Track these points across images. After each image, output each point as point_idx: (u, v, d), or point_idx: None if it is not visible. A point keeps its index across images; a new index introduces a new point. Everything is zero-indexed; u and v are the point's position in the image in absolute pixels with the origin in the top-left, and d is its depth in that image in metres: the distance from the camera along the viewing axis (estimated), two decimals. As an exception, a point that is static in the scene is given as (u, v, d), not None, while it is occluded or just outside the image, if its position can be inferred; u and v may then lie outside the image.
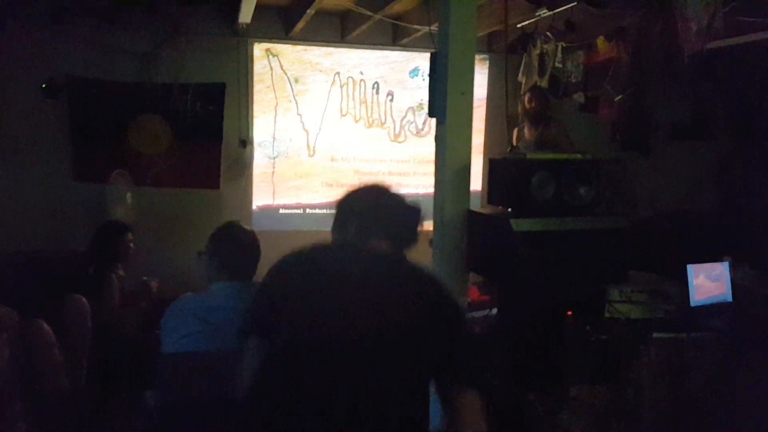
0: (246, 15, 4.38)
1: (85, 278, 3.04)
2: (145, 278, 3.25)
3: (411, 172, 5.55)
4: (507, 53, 3.73)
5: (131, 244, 3.26)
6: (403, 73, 5.42)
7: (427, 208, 5.59)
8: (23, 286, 2.66)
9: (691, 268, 2.45)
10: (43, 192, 4.62)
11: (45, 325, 2.26)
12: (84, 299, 2.69)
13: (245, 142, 5.13)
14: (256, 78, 5.12)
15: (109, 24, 4.57)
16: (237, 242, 1.95)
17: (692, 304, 2.43)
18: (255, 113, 5.17)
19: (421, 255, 2.73)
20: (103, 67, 4.67)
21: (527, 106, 3.95)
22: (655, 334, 2.21)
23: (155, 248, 4.37)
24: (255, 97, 5.13)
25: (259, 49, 5.11)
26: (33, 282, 2.81)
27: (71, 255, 3.61)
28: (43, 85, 4.59)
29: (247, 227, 2.04)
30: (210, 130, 4.93)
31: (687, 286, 2.43)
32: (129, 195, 4.51)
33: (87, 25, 4.53)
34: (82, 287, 2.78)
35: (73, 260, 3.42)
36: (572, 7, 3.58)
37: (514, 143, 3.71)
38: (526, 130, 3.95)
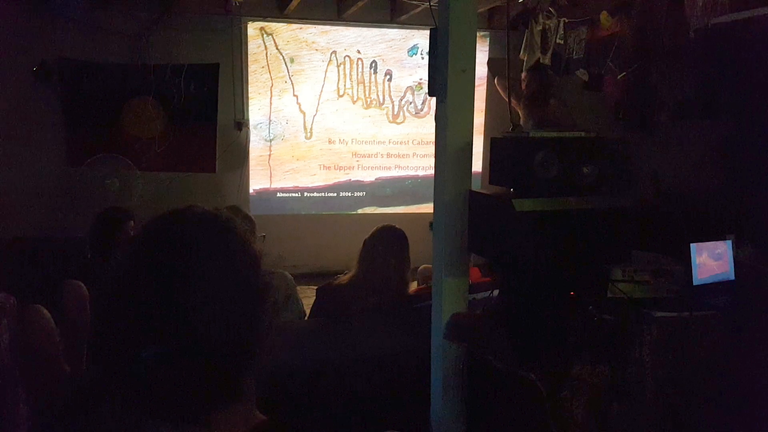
0: (240, -7, 4.30)
1: (84, 264, 3.02)
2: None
3: (410, 153, 5.50)
4: (509, 29, 3.66)
5: (131, 232, 3.23)
6: (401, 52, 5.33)
7: (427, 190, 5.57)
8: (21, 271, 2.63)
9: (695, 247, 2.43)
10: (38, 177, 4.58)
11: (44, 311, 2.24)
12: (82, 285, 2.66)
13: (241, 125, 5.07)
14: (250, 58, 5.04)
15: (101, 5, 4.48)
16: None
17: (695, 282, 2.41)
18: (250, 95, 5.10)
19: (422, 237, 2.71)
20: (96, 50, 4.59)
21: (524, 87, 3.88)
22: (657, 314, 2.20)
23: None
24: (250, 78, 5.06)
25: (253, 28, 5.02)
26: (31, 268, 2.79)
27: (69, 240, 3.58)
28: (35, 69, 4.52)
29: (236, 209, 2.01)
30: (204, 112, 4.87)
31: (690, 265, 2.41)
32: (121, 179, 4.46)
33: (79, 6, 4.43)
34: (80, 273, 2.76)
35: (71, 246, 3.39)
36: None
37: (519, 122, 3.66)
38: (526, 110, 3.89)
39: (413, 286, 2.74)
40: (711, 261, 2.47)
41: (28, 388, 2.05)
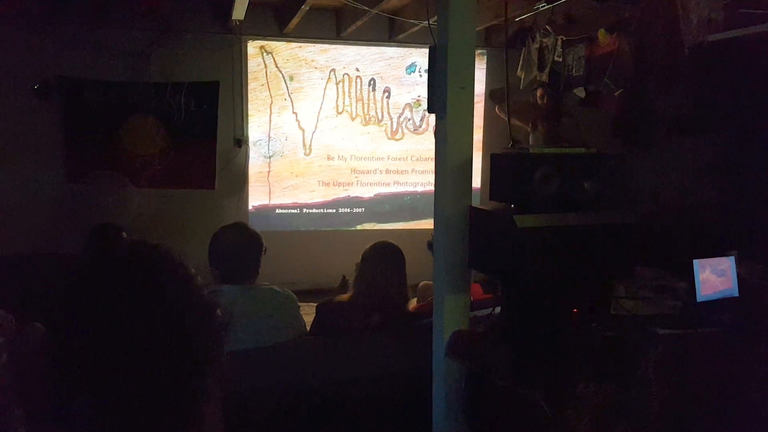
0: (239, 12, 4.33)
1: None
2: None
3: (409, 169, 5.51)
4: (507, 47, 3.69)
5: None
6: (399, 70, 5.37)
7: (426, 206, 5.57)
8: (19, 288, 2.60)
9: (698, 263, 2.41)
10: (37, 194, 4.57)
11: (43, 329, 2.21)
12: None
13: (240, 142, 5.08)
14: (250, 76, 5.07)
15: (101, 24, 4.51)
16: (224, 247, 1.89)
17: (699, 299, 2.39)
18: (250, 112, 5.12)
19: (421, 253, 2.70)
20: (96, 67, 4.61)
21: (539, 101, 3.92)
22: (661, 331, 2.18)
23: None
24: (249, 96, 5.08)
25: (252, 47, 5.06)
26: (29, 284, 2.75)
27: (67, 257, 3.56)
28: (36, 86, 4.53)
29: (240, 226, 2.00)
30: (204, 130, 4.88)
31: (693, 282, 2.39)
32: (120, 196, 4.45)
33: (79, 25, 4.47)
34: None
35: (69, 262, 3.36)
36: (572, -1, 3.54)
37: (529, 139, 3.69)
38: (539, 126, 3.91)
39: (412, 302, 2.71)
40: (714, 277, 2.46)
41: (25, 408, 2.02)
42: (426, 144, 5.41)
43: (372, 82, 5.33)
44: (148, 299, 0.67)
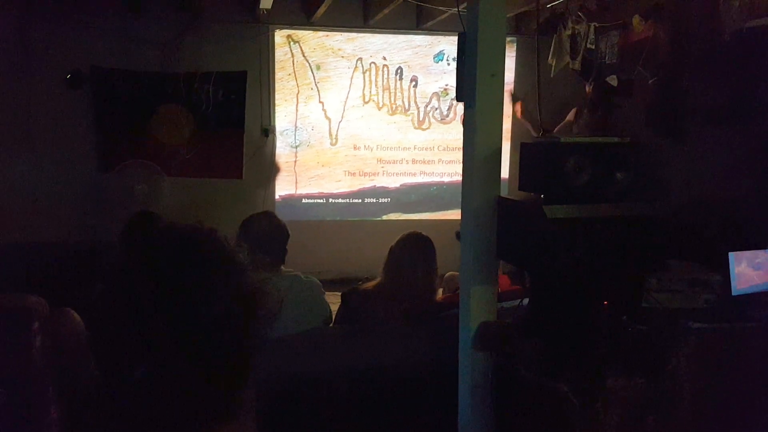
0: (267, 1, 4.34)
1: (112, 268, 3.05)
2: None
3: (435, 159, 5.47)
4: (538, 34, 3.61)
5: None
6: (427, 58, 5.32)
7: (452, 196, 5.52)
8: (52, 276, 2.67)
9: (733, 256, 2.34)
10: (70, 183, 4.67)
11: (75, 314, 2.26)
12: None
13: (267, 131, 5.11)
14: (277, 65, 5.09)
15: (132, 14, 4.57)
16: (252, 234, 1.91)
17: (734, 293, 2.32)
18: (276, 102, 5.14)
19: (447, 244, 2.68)
20: (126, 58, 4.68)
21: (588, 90, 3.84)
22: (695, 325, 2.12)
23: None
24: (276, 85, 5.10)
25: (280, 36, 5.07)
26: (62, 272, 2.83)
27: (99, 244, 3.64)
28: (68, 76, 4.62)
29: (269, 215, 2.01)
30: (232, 119, 4.92)
31: (728, 275, 2.33)
32: (151, 185, 4.52)
33: (110, 15, 4.54)
34: (108, 277, 2.79)
35: (101, 250, 3.44)
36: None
37: (566, 124, 3.62)
38: (584, 115, 3.84)
39: (439, 293, 2.70)
40: (751, 271, 2.38)
41: (59, 391, 2.07)
42: (453, 134, 5.36)
43: (399, 71, 5.29)
44: (200, 282, 0.69)
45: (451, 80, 4.77)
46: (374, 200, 5.44)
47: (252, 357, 0.70)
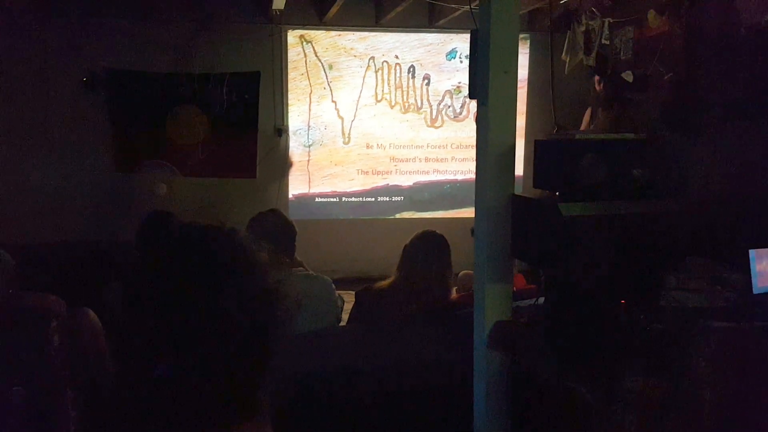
0: (279, 1, 4.35)
1: (129, 267, 3.08)
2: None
3: (449, 157, 5.45)
4: (551, 30, 3.58)
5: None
6: (439, 56, 5.30)
7: (465, 194, 5.49)
8: (69, 275, 2.70)
9: (754, 253, 2.29)
10: (86, 183, 4.74)
11: (92, 313, 2.29)
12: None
13: (281, 131, 5.13)
14: (290, 65, 5.10)
15: (146, 17, 4.61)
16: (259, 233, 1.91)
17: (755, 291, 2.28)
18: (289, 101, 5.16)
19: (461, 242, 2.66)
20: (141, 60, 4.73)
21: (597, 87, 3.79)
22: (714, 324, 2.09)
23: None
24: (289, 85, 5.12)
25: (292, 36, 5.08)
26: (79, 271, 2.86)
27: (116, 244, 3.68)
28: (84, 79, 4.68)
29: (276, 213, 2.01)
30: (245, 120, 4.95)
31: (749, 273, 2.28)
32: (166, 185, 4.57)
33: (125, 18, 4.58)
34: (125, 276, 2.82)
35: (118, 249, 3.47)
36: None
37: (586, 126, 3.58)
38: (599, 114, 3.80)
39: (453, 292, 2.68)
40: (772, 268, 2.33)
41: (77, 389, 2.10)
42: (466, 131, 5.33)
43: (411, 69, 5.28)
44: (220, 282, 0.69)
45: (464, 78, 4.74)
46: (387, 199, 5.43)
47: (270, 357, 0.70)
